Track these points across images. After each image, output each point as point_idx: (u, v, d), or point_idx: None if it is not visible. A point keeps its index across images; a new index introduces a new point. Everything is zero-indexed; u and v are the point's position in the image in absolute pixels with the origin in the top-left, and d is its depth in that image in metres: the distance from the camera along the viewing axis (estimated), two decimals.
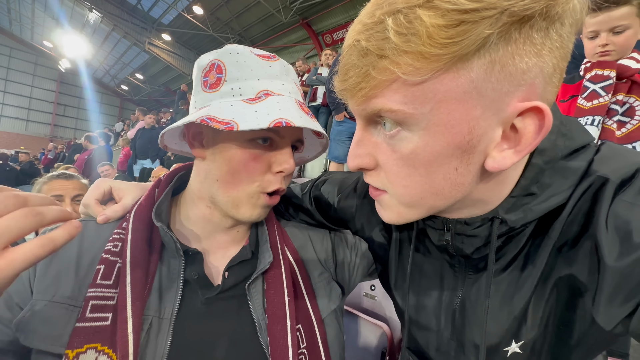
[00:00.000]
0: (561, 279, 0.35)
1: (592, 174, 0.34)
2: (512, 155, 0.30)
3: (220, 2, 11.66)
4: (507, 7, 0.24)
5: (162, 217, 0.52)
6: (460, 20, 0.25)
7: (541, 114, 0.28)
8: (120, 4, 14.14)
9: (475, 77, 0.27)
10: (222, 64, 0.48)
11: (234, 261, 0.53)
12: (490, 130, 0.29)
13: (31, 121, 20.98)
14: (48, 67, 21.18)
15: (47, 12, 16.16)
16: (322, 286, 0.60)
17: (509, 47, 0.26)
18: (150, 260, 0.48)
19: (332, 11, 10.23)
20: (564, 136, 0.35)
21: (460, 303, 0.45)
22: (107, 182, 0.58)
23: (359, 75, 0.29)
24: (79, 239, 0.50)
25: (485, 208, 0.37)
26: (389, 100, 0.29)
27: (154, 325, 0.45)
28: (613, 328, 0.32)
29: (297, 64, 5.90)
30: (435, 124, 0.29)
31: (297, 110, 0.47)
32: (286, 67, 0.52)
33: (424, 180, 0.32)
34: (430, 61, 0.26)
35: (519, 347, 0.39)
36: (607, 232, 0.31)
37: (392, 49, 0.27)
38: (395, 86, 0.28)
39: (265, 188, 0.51)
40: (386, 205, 0.37)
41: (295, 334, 0.49)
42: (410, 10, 0.26)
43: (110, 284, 0.45)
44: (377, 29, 0.28)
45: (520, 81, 0.27)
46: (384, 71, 0.28)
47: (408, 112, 0.29)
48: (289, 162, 0.50)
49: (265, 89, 0.48)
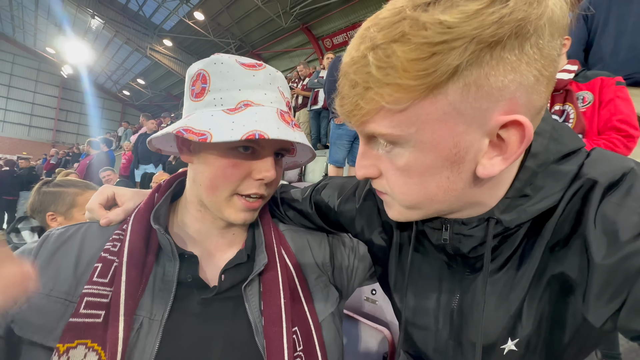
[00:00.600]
0: (554, 277, 0.37)
1: (582, 176, 0.35)
2: (500, 162, 0.32)
3: (221, 8, 11.77)
4: (475, 36, 0.26)
5: (160, 221, 0.53)
6: (432, 53, 0.27)
7: (521, 126, 0.30)
8: (122, 11, 14.29)
9: (452, 100, 0.29)
10: (207, 73, 0.50)
11: (230, 264, 0.54)
12: (476, 142, 0.31)
13: (34, 127, 21.14)
14: (50, 74, 21.39)
15: (49, 19, 16.35)
16: (320, 289, 0.60)
17: (482, 70, 0.28)
18: (146, 261, 0.49)
19: (332, 16, 10.30)
20: (555, 141, 0.37)
21: (458, 303, 0.46)
22: (110, 189, 0.61)
23: (351, 104, 0.33)
24: (81, 238, 0.51)
25: (483, 209, 0.38)
26: (379, 125, 0.32)
27: (144, 325, 0.46)
28: (602, 325, 0.33)
29: (299, 68, 5.94)
30: (422, 142, 0.32)
31: (275, 121, 0.48)
32: (272, 76, 0.52)
33: (419, 188, 0.35)
34: (408, 91, 0.29)
35: (514, 344, 0.40)
36: (595, 232, 0.32)
37: (375, 82, 0.30)
38: (382, 113, 0.31)
39: (241, 191, 0.52)
40: (390, 205, 0.41)
41: (292, 337, 0.49)
42: (388, 45, 0.28)
43: (106, 282, 0.46)
44: (362, 63, 0.30)
45: (498, 98, 0.29)
46: (370, 101, 0.31)
47: (396, 134, 0.32)
48: (269, 170, 0.51)
49: (245, 99, 0.49)
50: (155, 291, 0.49)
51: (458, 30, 0.26)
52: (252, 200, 0.53)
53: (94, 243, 0.51)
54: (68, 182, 1.31)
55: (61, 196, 1.24)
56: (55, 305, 0.44)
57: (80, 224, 0.55)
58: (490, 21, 0.26)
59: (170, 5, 12.84)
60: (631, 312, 0.30)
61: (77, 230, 0.53)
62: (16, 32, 19.01)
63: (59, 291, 0.46)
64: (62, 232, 0.52)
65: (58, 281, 0.46)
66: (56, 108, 22.13)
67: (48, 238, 0.51)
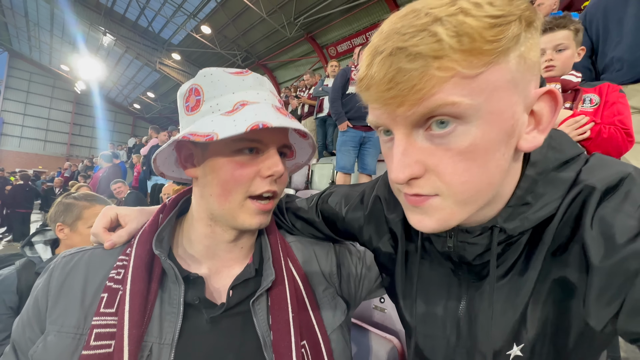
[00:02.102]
0: (556, 281, 0.37)
1: (579, 183, 0.36)
2: (537, 135, 0.35)
3: (227, 21, 12.06)
4: (520, 14, 0.30)
5: (164, 244, 0.53)
6: (495, 23, 0.29)
7: (554, 94, 0.33)
8: (132, 27, 14.78)
9: (513, 68, 0.31)
10: (199, 86, 0.51)
11: (238, 280, 0.54)
12: (521, 115, 0.33)
13: (49, 141, 21.84)
14: (65, 90, 22.16)
15: (64, 38, 17.03)
16: (327, 301, 0.60)
17: (527, 43, 0.31)
18: (150, 288, 0.49)
19: (335, 25, 10.44)
20: (553, 149, 0.38)
21: (465, 310, 0.46)
22: (113, 210, 0.60)
23: (414, 78, 0.30)
24: (85, 268, 0.51)
25: (490, 210, 0.38)
26: (449, 94, 0.30)
27: (154, 351, 0.46)
28: (603, 328, 0.33)
29: (305, 77, 6.00)
30: (490, 112, 0.31)
31: (273, 113, 0.49)
32: (260, 79, 0.54)
33: (482, 171, 0.33)
34: (483, 55, 0.30)
35: (520, 350, 0.40)
36: (593, 235, 0.33)
37: (448, 49, 0.29)
38: (454, 80, 0.30)
39: (253, 192, 0.51)
40: (437, 208, 0.35)
41: (300, 351, 0.49)
42: (454, 17, 0.30)
43: (113, 312, 0.46)
44: (423, 35, 0.30)
45: (534, 71, 0.33)
46: (442, 69, 0.30)
47: (467, 102, 0.31)
48: (277, 164, 0.51)
49: (241, 100, 0.50)
50: (163, 315, 0.49)
51: (508, 9, 0.30)
52: (265, 202, 0.53)
53: (99, 271, 0.51)
54: (81, 196, 1.35)
55: (70, 208, 1.29)
56: (66, 341, 0.45)
57: (83, 250, 0.55)
58: (525, 7, 0.31)
59: (178, 21, 13.22)
60: (629, 315, 0.30)
61: (80, 259, 0.53)
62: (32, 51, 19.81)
63: (69, 326, 0.46)
64: (65, 263, 0.52)
65: (67, 316, 0.47)
66: (70, 123, 22.85)
67: (53, 272, 0.51)
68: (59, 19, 15.25)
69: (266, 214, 0.54)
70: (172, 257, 0.54)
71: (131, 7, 13.39)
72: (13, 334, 0.49)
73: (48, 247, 1.25)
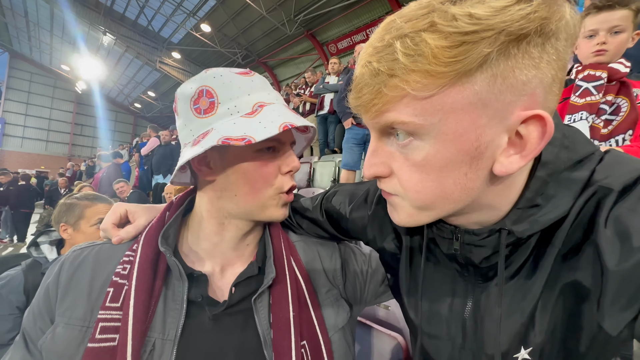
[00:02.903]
0: (567, 285, 0.36)
1: (593, 183, 0.34)
2: (518, 160, 0.32)
3: (226, 19, 12.02)
4: (504, 28, 0.27)
5: (169, 241, 0.53)
6: (462, 41, 0.27)
7: (543, 121, 0.30)
8: (132, 26, 14.75)
9: (479, 89, 0.29)
10: (211, 88, 0.51)
11: (241, 277, 0.54)
12: (496, 137, 0.31)
13: (50, 141, 21.89)
14: (65, 90, 22.16)
15: (64, 38, 17.02)
16: (330, 303, 0.60)
17: (509, 62, 0.28)
18: (155, 284, 0.50)
19: (336, 21, 10.39)
20: (566, 148, 0.36)
21: (470, 312, 0.45)
22: (122, 206, 0.61)
23: (372, 93, 0.32)
24: (93, 262, 0.53)
25: (493, 214, 0.38)
26: (401, 113, 0.31)
27: (157, 346, 0.47)
28: (619, 333, 0.32)
29: (307, 75, 5.98)
30: (445, 132, 0.31)
31: (290, 113, 0.52)
32: (263, 79, 0.56)
33: (435, 185, 0.34)
34: (437, 78, 0.29)
35: (527, 353, 0.39)
36: (607, 238, 0.31)
37: (401, 69, 0.29)
38: (406, 101, 0.31)
39: (281, 188, 0.55)
40: (398, 207, 0.39)
41: (300, 350, 0.49)
42: (416, 34, 0.28)
43: (118, 307, 0.47)
44: (386, 52, 0.30)
45: (521, 91, 0.30)
46: (394, 88, 0.30)
47: (419, 123, 0.31)
48: (295, 161, 0.56)
49: (258, 101, 0.51)
50: (167, 311, 0.50)
51: (488, 22, 0.27)
52: (290, 193, 0.57)
53: (106, 266, 0.52)
54: (82, 196, 1.36)
55: (72, 208, 1.30)
56: (73, 332, 0.47)
57: (92, 245, 0.56)
58: (519, 16, 0.27)
59: (178, 19, 13.19)
60: None
61: (88, 253, 0.54)
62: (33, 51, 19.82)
63: (76, 318, 0.48)
64: (75, 257, 0.53)
65: (75, 309, 0.48)
66: (71, 123, 22.89)
67: (63, 265, 0.53)
68: (58, 19, 15.24)
69: (288, 206, 0.59)
70: (177, 254, 0.54)
71: (130, 6, 13.36)
72: (24, 323, 0.50)
73: (54, 248, 1.26)
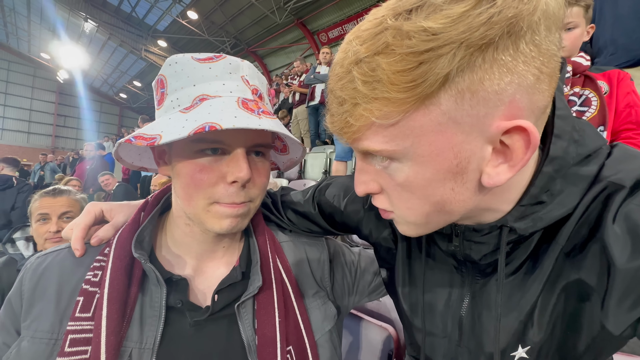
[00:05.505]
0: (569, 284, 0.35)
1: (602, 179, 0.33)
2: (506, 170, 0.30)
3: (214, 6, 11.67)
4: (463, 40, 0.24)
5: (145, 244, 0.50)
6: (419, 62, 0.25)
7: (525, 132, 0.28)
8: (115, 13, 14.20)
9: (446, 109, 0.27)
10: (164, 77, 0.47)
11: (223, 284, 0.51)
12: (478, 151, 0.30)
13: (32, 133, 21.13)
14: (46, 79, 21.31)
15: (43, 24, 16.26)
16: (317, 306, 0.58)
17: (475, 75, 0.26)
18: (129, 291, 0.46)
19: (326, 10, 10.21)
20: (576, 143, 0.34)
21: (467, 309, 0.44)
22: (97, 206, 0.57)
23: (341, 122, 0.31)
24: (59, 269, 0.48)
25: (496, 215, 0.36)
26: (371, 142, 0.31)
27: (134, 356, 0.44)
28: (622, 332, 0.31)
29: (296, 64, 5.88)
30: (420, 155, 0.30)
31: (233, 110, 0.43)
32: (233, 65, 0.47)
33: (423, 202, 0.33)
34: (398, 105, 0.27)
35: (525, 352, 0.39)
36: (616, 235, 0.30)
37: (362, 97, 0.28)
38: (374, 129, 0.30)
39: (217, 200, 0.47)
40: (397, 223, 0.39)
41: (285, 356, 0.48)
42: (372, 58, 0.27)
43: (89, 317, 0.44)
44: (347, 79, 0.29)
45: (496, 102, 0.27)
46: (359, 118, 0.29)
47: (391, 149, 0.30)
48: (241, 170, 0.45)
49: (201, 94, 0.45)
50: (144, 319, 0.46)
51: (444, 36, 0.24)
52: (235, 205, 0.48)
53: (75, 272, 0.48)
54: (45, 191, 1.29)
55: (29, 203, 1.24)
56: (40, 347, 0.43)
57: (58, 249, 0.51)
58: (479, 23, 0.24)
59: (163, 6, 12.74)
60: None
61: (53, 259, 0.49)
62: (10, 38, 18.90)
63: (43, 331, 0.44)
64: (38, 264, 0.49)
65: (41, 320, 0.44)
66: (54, 114, 22.10)
67: (25, 273, 0.48)
68: (36, 4, 14.54)
69: (238, 218, 0.49)
70: (153, 258, 0.51)
71: None
72: None
73: (30, 244, 1.21)
